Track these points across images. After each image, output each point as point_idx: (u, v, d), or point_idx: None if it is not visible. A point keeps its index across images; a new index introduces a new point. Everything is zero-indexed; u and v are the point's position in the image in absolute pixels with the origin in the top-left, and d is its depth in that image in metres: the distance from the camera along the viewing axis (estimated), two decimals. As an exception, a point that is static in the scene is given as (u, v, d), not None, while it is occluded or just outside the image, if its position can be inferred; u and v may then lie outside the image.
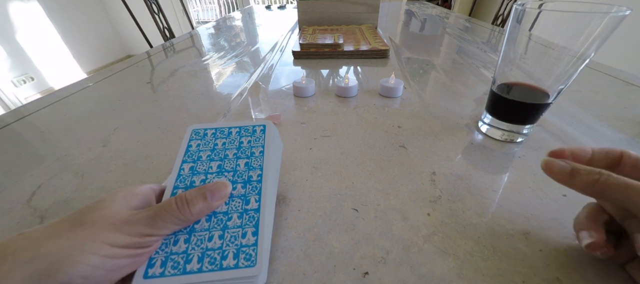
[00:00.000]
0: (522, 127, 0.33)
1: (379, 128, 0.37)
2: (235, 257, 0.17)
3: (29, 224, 0.25)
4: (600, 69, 0.54)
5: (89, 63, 2.86)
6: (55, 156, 0.35)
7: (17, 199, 0.28)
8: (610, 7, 0.23)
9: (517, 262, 0.21)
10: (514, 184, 0.28)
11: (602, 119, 0.38)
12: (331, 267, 0.21)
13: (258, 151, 0.23)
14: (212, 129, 0.25)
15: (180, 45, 0.82)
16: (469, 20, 1.05)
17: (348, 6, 0.88)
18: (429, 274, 0.20)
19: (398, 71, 0.58)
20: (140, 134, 0.38)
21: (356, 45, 0.67)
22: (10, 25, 2.18)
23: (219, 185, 0.20)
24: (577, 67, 0.26)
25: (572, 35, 0.25)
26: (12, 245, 0.14)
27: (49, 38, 2.49)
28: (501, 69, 0.32)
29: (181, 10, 2.76)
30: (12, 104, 2.18)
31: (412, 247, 0.22)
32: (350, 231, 0.23)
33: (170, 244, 0.18)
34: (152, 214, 0.17)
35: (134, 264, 0.17)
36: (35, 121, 0.43)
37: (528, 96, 0.31)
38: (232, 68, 0.62)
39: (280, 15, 1.30)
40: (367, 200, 0.26)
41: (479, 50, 0.69)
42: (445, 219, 0.24)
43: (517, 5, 0.28)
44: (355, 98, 0.46)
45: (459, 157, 0.32)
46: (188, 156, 0.23)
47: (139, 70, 0.63)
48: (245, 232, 0.19)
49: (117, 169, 0.32)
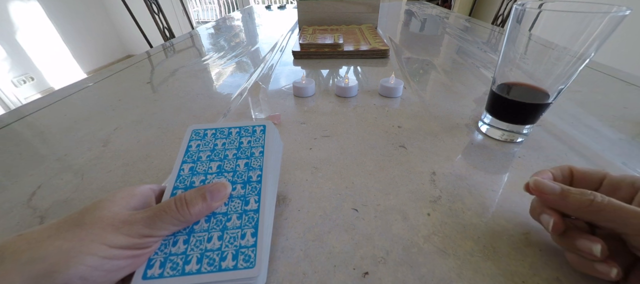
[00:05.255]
0: (522, 127, 0.33)
1: (379, 128, 0.37)
2: (235, 258, 0.17)
3: (29, 224, 0.25)
4: (600, 69, 0.54)
5: (89, 63, 2.86)
6: (55, 156, 0.35)
7: (17, 199, 0.28)
8: (610, 7, 0.23)
9: (517, 262, 0.21)
10: (514, 184, 0.28)
11: (602, 119, 0.38)
12: (331, 267, 0.21)
13: (258, 151, 0.23)
14: (212, 129, 0.25)
15: (180, 45, 0.82)
16: (469, 20, 1.05)
17: (348, 6, 0.88)
18: (429, 274, 0.20)
19: (398, 71, 0.58)
20: (140, 134, 0.38)
21: (356, 45, 0.67)
22: (10, 25, 2.18)
23: (219, 186, 0.20)
24: (577, 67, 0.26)
25: (572, 35, 0.25)
26: (11, 246, 0.14)
27: (49, 38, 2.48)
28: (501, 69, 0.32)
29: (181, 10, 2.75)
30: (12, 104, 2.18)
31: (412, 247, 0.22)
32: (350, 231, 0.23)
33: (169, 245, 0.18)
34: (152, 215, 0.17)
35: (133, 265, 0.17)
36: (35, 121, 0.43)
37: (528, 96, 0.31)
38: (232, 68, 0.62)
39: (280, 15, 1.30)
40: (367, 200, 0.26)
41: (479, 50, 0.69)
42: (445, 219, 0.24)
43: (517, 5, 0.28)
44: (355, 98, 0.46)
45: (459, 157, 0.32)
46: (188, 156, 0.23)
47: (139, 70, 0.63)
48: (245, 233, 0.19)
49: (117, 169, 0.32)
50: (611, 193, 0.19)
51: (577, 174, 0.21)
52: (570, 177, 0.21)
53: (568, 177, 0.21)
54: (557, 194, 0.19)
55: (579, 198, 0.18)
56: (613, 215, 0.17)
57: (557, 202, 0.19)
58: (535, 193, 0.20)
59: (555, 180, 0.21)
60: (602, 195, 0.17)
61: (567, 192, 0.18)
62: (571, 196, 0.18)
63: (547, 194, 0.19)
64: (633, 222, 0.16)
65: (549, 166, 0.30)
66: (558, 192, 0.19)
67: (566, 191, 0.18)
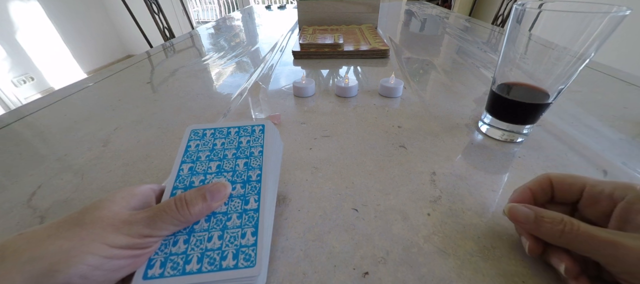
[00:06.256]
0: (522, 127, 0.33)
1: (379, 128, 0.37)
2: (235, 257, 0.17)
3: (29, 224, 0.25)
4: (600, 69, 0.54)
5: (89, 63, 2.86)
6: (55, 156, 0.35)
7: (17, 199, 0.28)
8: (610, 7, 0.23)
9: (517, 262, 0.21)
10: (514, 185, 0.27)
11: (602, 119, 0.38)
12: (331, 267, 0.21)
13: (257, 150, 0.23)
14: (211, 129, 0.25)
15: (180, 45, 0.82)
16: (469, 20, 1.05)
17: (348, 6, 0.88)
18: (429, 274, 0.20)
19: (398, 71, 0.58)
20: (140, 134, 0.38)
21: (356, 45, 0.67)
22: (10, 25, 2.18)
23: (219, 186, 0.20)
24: (577, 67, 0.26)
25: (572, 35, 0.25)
26: (12, 245, 0.14)
27: (49, 38, 2.48)
28: (501, 69, 0.32)
29: (181, 10, 2.75)
30: (12, 104, 2.18)
31: (412, 247, 0.22)
32: (350, 231, 0.23)
33: (169, 244, 0.18)
34: (152, 215, 0.17)
35: (134, 265, 0.17)
36: (35, 121, 0.43)
37: (528, 96, 0.31)
38: (232, 68, 0.62)
39: (280, 15, 1.30)
40: (367, 200, 0.26)
41: (479, 50, 0.69)
42: (445, 219, 0.24)
43: (517, 5, 0.28)
44: (355, 98, 0.46)
45: (459, 157, 0.32)
46: (187, 157, 0.23)
47: (139, 70, 0.63)
48: (245, 232, 0.19)
49: (117, 169, 0.32)
50: (591, 206, 0.19)
51: (557, 184, 0.21)
52: (550, 188, 0.21)
53: (548, 189, 0.21)
54: (531, 222, 0.19)
55: (550, 227, 0.18)
56: (585, 245, 0.16)
57: (532, 230, 0.19)
58: (511, 220, 0.20)
59: (535, 196, 0.21)
60: (574, 221, 0.17)
61: (540, 220, 0.18)
62: (544, 225, 0.18)
63: (521, 223, 0.19)
64: (604, 253, 0.16)
65: (549, 166, 0.30)
66: (532, 220, 0.19)
67: (539, 220, 0.18)
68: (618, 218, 0.17)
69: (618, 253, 0.15)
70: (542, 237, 0.19)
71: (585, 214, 0.20)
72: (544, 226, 0.18)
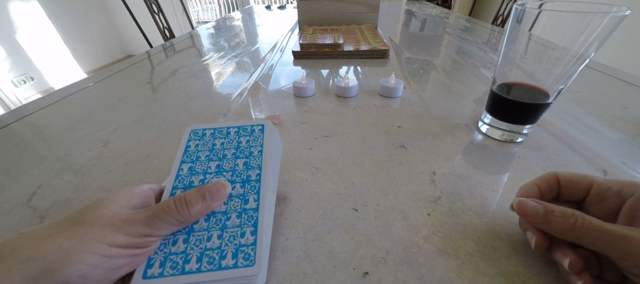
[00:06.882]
0: (522, 127, 0.33)
1: (379, 128, 0.37)
2: (234, 257, 0.17)
3: (29, 224, 0.25)
4: (600, 69, 0.54)
5: (89, 63, 2.86)
6: (55, 156, 0.35)
7: (17, 199, 0.28)
8: (610, 7, 0.23)
9: (517, 262, 0.21)
10: (514, 184, 0.27)
11: (602, 119, 0.38)
12: (331, 267, 0.21)
13: (257, 150, 0.23)
14: (211, 129, 0.25)
15: (180, 45, 0.82)
16: (469, 20, 1.05)
17: (348, 6, 0.88)
18: (429, 274, 0.20)
19: (398, 71, 0.58)
20: (140, 134, 0.38)
21: (356, 45, 0.67)
22: (10, 25, 2.18)
23: (218, 186, 0.20)
24: (577, 67, 0.26)
25: (572, 35, 0.25)
26: (11, 244, 0.14)
27: (49, 38, 2.48)
28: (501, 69, 0.32)
29: (181, 10, 2.75)
30: (12, 104, 2.18)
31: (412, 247, 0.22)
32: (350, 231, 0.23)
33: (169, 244, 0.18)
34: (151, 214, 0.17)
35: (133, 264, 0.17)
36: (35, 121, 0.43)
37: (528, 96, 0.31)
38: (232, 68, 0.62)
39: (280, 15, 1.30)
40: (367, 200, 0.26)
41: (479, 50, 0.69)
42: (445, 219, 0.24)
43: (517, 5, 0.28)
44: (355, 98, 0.46)
45: (459, 157, 0.32)
46: (187, 156, 0.23)
47: (139, 70, 0.63)
48: (244, 231, 0.19)
49: (117, 169, 0.32)
50: (598, 203, 0.19)
51: (564, 182, 0.21)
52: (557, 186, 0.21)
53: (555, 187, 0.21)
54: (540, 217, 0.19)
55: (561, 222, 0.18)
56: (596, 239, 0.16)
57: (541, 224, 0.19)
58: (520, 215, 0.20)
59: (542, 193, 0.21)
60: (585, 216, 0.17)
61: (550, 214, 0.18)
62: (554, 219, 0.18)
63: (530, 217, 0.19)
64: (616, 247, 0.16)
65: (549, 166, 0.30)
66: (542, 215, 0.18)
67: (549, 213, 0.18)
68: (627, 215, 0.18)
69: (630, 247, 0.15)
70: (551, 232, 0.19)
71: (591, 212, 0.20)
72: (554, 220, 0.18)
